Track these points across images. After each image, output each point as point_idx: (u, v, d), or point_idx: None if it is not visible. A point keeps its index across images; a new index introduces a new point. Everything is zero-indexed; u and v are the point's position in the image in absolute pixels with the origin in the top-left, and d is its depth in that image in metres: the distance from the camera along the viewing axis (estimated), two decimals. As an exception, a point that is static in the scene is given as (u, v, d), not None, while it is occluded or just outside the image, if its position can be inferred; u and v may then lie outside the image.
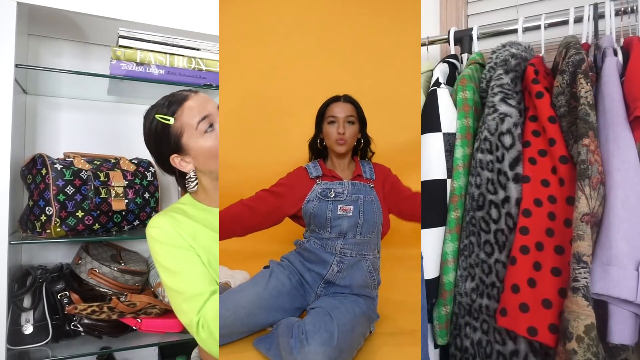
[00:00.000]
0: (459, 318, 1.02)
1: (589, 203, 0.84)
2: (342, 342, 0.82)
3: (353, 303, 0.94)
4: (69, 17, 1.28)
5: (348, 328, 0.86)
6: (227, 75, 1.87)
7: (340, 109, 1.03)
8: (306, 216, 1.02)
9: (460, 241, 1.03)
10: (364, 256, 0.99)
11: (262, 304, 0.95)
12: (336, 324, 0.84)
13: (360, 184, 1.01)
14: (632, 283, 0.81)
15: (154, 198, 1.40)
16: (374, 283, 1.01)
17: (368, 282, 0.99)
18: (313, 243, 1.01)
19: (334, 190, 1.00)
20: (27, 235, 1.22)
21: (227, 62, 1.87)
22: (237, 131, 1.88)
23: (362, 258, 0.99)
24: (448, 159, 1.06)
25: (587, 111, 0.87)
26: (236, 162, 1.83)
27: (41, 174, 1.20)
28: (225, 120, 1.84)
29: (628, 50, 0.96)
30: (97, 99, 1.50)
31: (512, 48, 1.05)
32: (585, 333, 0.80)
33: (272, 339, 0.91)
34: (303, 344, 0.80)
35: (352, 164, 1.07)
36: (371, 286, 1.00)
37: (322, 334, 0.81)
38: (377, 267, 1.02)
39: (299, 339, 0.81)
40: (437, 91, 1.10)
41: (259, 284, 0.97)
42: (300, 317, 0.98)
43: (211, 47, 1.39)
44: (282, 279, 0.99)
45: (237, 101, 1.88)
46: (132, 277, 1.33)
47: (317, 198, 1.00)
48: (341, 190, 1.00)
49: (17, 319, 1.18)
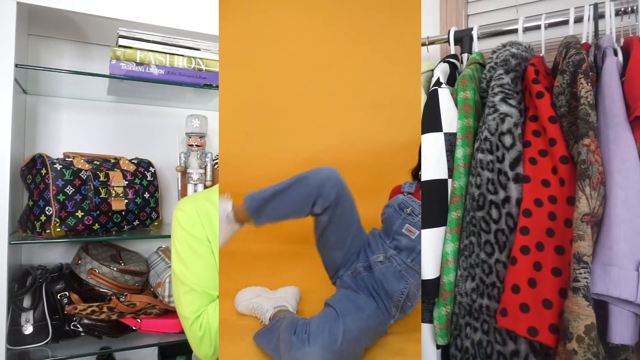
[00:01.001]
0: (459, 318, 1.02)
1: (589, 203, 0.83)
2: (344, 350, 0.81)
3: (369, 314, 0.92)
4: (69, 17, 1.28)
5: (354, 337, 0.84)
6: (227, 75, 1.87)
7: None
8: (382, 218, 1.06)
9: (461, 241, 1.03)
10: (406, 278, 0.98)
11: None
12: (342, 330, 0.83)
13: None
14: (632, 283, 0.81)
15: (154, 198, 1.40)
16: (399, 303, 0.98)
17: (396, 297, 0.97)
18: (379, 234, 1.05)
19: (412, 208, 1.02)
20: (27, 235, 1.22)
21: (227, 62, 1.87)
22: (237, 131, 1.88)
23: (403, 277, 0.98)
24: (449, 158, 1.06)
25: (588, 111, 0.87)
26: (236, 161, 1.83)
27: (41, 174, 1.20)
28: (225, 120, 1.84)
29: (628, 50, 0.96)
30: (97, 99, 1.50)
31: (512, 48, 1.05)
32: (586, 333, 0.80)
33: (273, 333, 0.91)
34: (304, 344, 0.79)
35: None
36: (397, 305, 0.98)
37: (325, 337, 0.80)
38: (412, 297, 0.99)
39: (300, 338, 0.81)
40: (438, 91, 1.10)
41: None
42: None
43: (211, 47, 1.39)
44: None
45: (237, 101, 1.88)
46: (132, 277, 1.33)
47: (394, 207, 1.04)
48: (417, 212, 1.01)
49: (17, 319, 1.18)
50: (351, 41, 1.85)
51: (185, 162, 1.47)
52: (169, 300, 1.29)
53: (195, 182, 1.47)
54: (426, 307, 1.06)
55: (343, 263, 1.02)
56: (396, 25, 1.82)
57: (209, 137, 1.56)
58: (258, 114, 1.89)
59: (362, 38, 1.84)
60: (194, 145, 1.46)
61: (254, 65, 1.87)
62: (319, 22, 1.84)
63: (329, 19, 1.84)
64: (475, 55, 1.17)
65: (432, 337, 1.06)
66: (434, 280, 1.04)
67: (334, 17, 1.84)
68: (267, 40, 1.86)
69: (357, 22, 1.84)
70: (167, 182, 1.59)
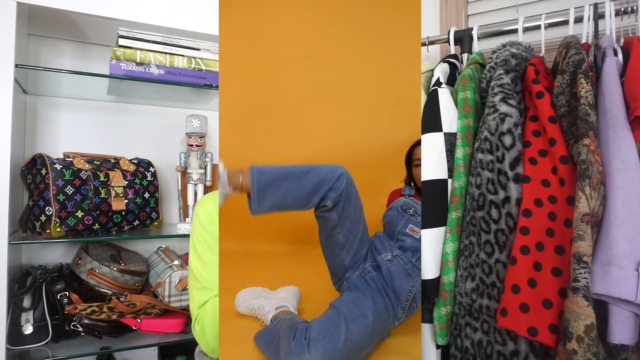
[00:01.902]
0: (459, 318, 1.02)
1: (589, 203, 0.83)
2: (345, 357, 0.79)
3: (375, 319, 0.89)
4: (69, 17, 1.28)
5: (356, 345, 0.82)
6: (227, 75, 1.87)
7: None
8: (384, 221, 1.08)
9: (461, 241, 1.03)
10: (413, 277, 0.98)
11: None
12: (344, 339, 0.79)
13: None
14: (632, 283, 0.81)
15: (154, 198, 1.40)
16: (407, 303, 0.97)
17: (404, 296, 0.96)
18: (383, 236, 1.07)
19: (415, 209, 1.04)
20: (27, 235, 1.22)
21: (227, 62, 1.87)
22: (237, 131, 1.88)
23: (410, 275, 0.98)
24: (449, 158, 1.06)
25: (588, 111, 0.87)
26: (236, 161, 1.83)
27: (41, 174, 1.20)
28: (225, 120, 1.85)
29: (628, 50, 0.96)
30: (97, 99, 1.50)
31: (512, 48, 1.05)
32: (586, 333, 0.80)
33: (273, 335, 0.89)
34: (304, 350, 0.77)
35: None
36: (405, 306, 0.97)
37: (325, 344, 0.78)
38: (417, 297, 0.98)
39: (300, 344, 0.78)
40: (438, 91, 1.10)
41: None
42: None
43: (211, 47, 1.39)
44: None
45: (237, 101, 1.88)
46: (132, 277, 1.33)
47: (397, 209, 1.06)
48: (420, 213, 1.02)
49: (17, 319, 1.18)
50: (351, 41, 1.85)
51: (185, 162, 1.47)
52: (169, 300, 1.29)
53: (195, 182, 1.47)
54: (426, 307, 1.06)
55: (351, 265, 1.01)
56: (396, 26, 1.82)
57: (209, 137, 1.56)
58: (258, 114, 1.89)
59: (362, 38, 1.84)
60: (194, 145, 1.46)
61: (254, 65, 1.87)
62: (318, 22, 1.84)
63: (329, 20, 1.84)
64: (475, 55, 1.17)
65: (432, 337, 1.06)
66: (434, 280, 1.04)
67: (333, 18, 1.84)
68: (267, 40, 1.86)
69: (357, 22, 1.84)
70: (167, 182, 1.59)
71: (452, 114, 1.08)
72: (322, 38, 1.85)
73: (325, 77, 1.85)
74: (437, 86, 1.11)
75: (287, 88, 1.87)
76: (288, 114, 1.88)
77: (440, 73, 1.15)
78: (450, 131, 1.07)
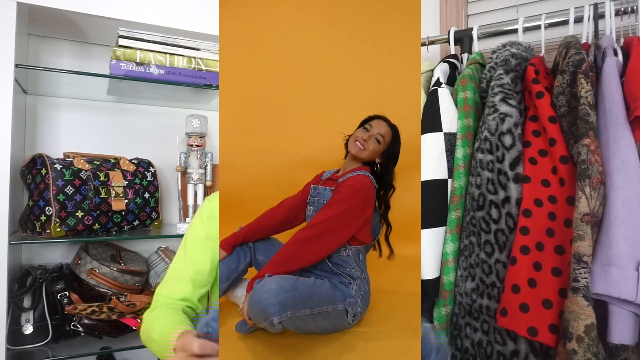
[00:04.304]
0: (459, 318, 1.02)
1: (589, 203, 0.84)
2: (300, 285, 0.86)
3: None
4: (69, 17, 1.28)
5: (309, 282, 0.90)
6: (227, 75, 1.87)
7: (379, 125, 1.07)
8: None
9: (461, 241, 1.03)
10: None
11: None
12: (296, 278, 0.89)
13: (323, 188, 1.08)
14: (632, 283, 0.81)
15: (154, 198, 1.40)
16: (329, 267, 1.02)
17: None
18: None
19: (318, 192, 1.09)
20: (27, 235, 1.22)
21: (227, 62, 1.87)
22: (237, 131, 1.88)
23: None
24: (449, 158, 1.06)
25: (588, 111, 0.87)
26: (236, 162, 1.83)
27: (41, 174, 1.20)
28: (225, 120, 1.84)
29: (628, 50, 0.96)
30: (97, 99, 1.50)
31: (512, 48, 1.05)
32: (586, 333, 0.80)
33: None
34: (264, 282, 0.84)
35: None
36: (327, 269, 1.02)
37: (279, 279, 0.85)
38: (341, 261, 1.01)
39: (259, 282, 0.85)
40: (438, 91, 1.10)
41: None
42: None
43: (211, 47, 1.39)
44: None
45: (237, 101, 1.88)
46: (132, 277, 1.33)
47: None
48: (315, 194, 1.09)
49: (17, 319, 1.18)
50: (351, 42, 1.85)
51: (185, 162, 1.47)
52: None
53: (195, 182, 1.47)
54: (426, 307, 1.06)
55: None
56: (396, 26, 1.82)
57: (209, 137, 1.56)
58: (258, 114, 1.89)
59: (362, 38, 1.84)
60: (194, 145, 1.46)
61: (254, 65, 1.87)
62: (318, 22, 1.84)
63: (329, 20, 1.84)
64: (475, 55, 1.17)
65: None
66: (434, 280, 1.04)
67: (333, 18, 1.84)
68: (267, 40, 1.86)
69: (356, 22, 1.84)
70: (167, 182, 1.59)
71: (452, 114, 1.08)
72: (322, 38, 1.85)
73: (325, 77, 1.85)
74: (437, 86, 1.11)
75: (287, 88, 1.87)
76: (288, 113, 1.88)
77: (440, 73, 1.15)
78: (450, 131, 1.07)
